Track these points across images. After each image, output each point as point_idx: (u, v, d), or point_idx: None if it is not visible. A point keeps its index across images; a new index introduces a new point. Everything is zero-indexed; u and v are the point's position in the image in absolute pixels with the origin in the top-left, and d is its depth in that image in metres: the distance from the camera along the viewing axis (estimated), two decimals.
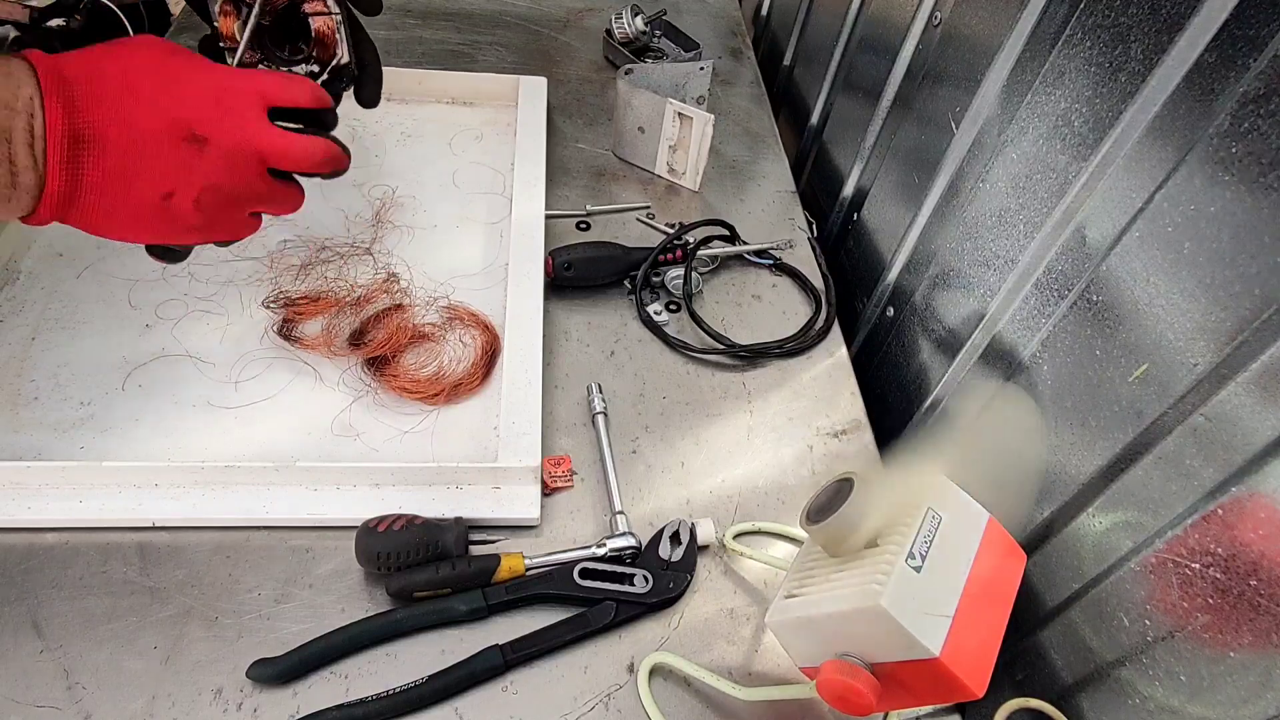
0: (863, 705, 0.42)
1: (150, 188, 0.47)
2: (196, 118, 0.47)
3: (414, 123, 0.85)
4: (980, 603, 0.42)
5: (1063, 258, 0.51)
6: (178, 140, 0.47)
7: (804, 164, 0.97)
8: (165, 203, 0.48)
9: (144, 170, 0.46)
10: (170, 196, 0.48)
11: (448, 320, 0.67)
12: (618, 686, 0.51)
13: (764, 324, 0.73)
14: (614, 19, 0.95)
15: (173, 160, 0.47)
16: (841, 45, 0.87)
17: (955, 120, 0.62)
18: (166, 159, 0.47)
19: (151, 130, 0.46)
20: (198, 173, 0.48)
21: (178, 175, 0.47)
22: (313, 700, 0.48)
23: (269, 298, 0.66)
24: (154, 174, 0.47)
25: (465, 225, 0.76)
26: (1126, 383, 0.44)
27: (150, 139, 0.46)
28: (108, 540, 0.53)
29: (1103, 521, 0.46)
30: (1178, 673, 0.41)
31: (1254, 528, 0.37)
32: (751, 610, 0.55)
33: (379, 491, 0.56)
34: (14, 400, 0.58)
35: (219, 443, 0.58)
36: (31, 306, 0.63)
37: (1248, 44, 0.38)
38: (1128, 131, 0.45)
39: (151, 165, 0.47)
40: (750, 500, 0.61)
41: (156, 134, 0.46)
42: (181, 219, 0.49)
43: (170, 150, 0.47)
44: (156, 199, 0.47)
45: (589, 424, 0.63)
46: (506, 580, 0.53)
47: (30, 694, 0.46)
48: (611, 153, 0.87)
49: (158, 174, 0.47)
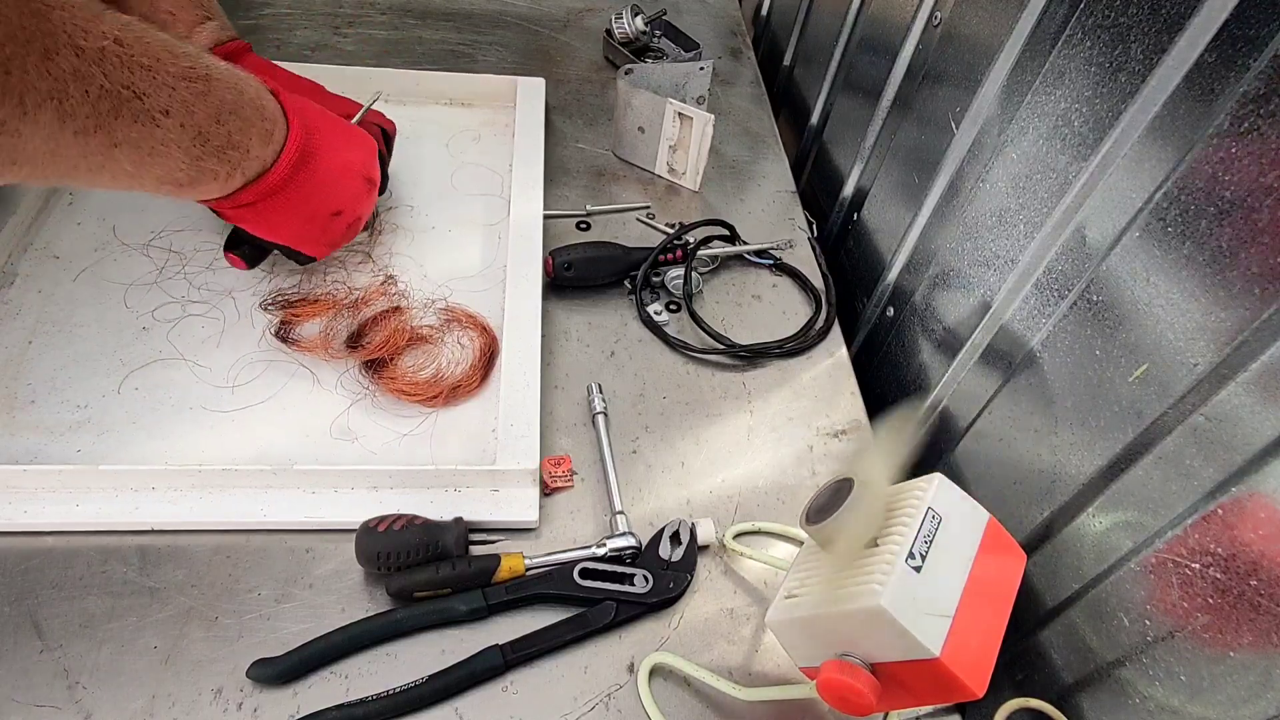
0: (863, 705, 0.42)
1: (330, 204, 0.61)
2: (372, 166, 0.64)
3: (411, 124, 0.85)
4: (980, 603, 0.42)
5: (1063, 258, 0.51)
6: (362, 178, 0.63)
7: (804, 164, 0.97)
8: (332, 218, 0.61)
9: (334, 190, 0.60)
10: (338, 215, 0.62)
11: (446, 322, 0.67)
12: (618, 686, 0.51)
13: (764, 324, 0.73)
14: (614, 19, 0.95)
15: (353, 190, 0.62)
16: (841, 45, 0.87)
17: (955, 120, 0.62)
18: (350, 188, 0.62)
19: (349, 164, 0.61)
20: (362, 204, 0.64)
21: (350, 201, 0.62)
22: (313, 700, 0.48)
23: (267, 299, 0.66)
24: (338, 195, 0.61)
25: (463, 227, 0.76)
26: (1126, 383, 0.44)
27: (348, 171, 0.61)
28: (107, 541, 0.53)
29: (1103, 521, 0.46)
30: (1178, 673, 0.41)
31: (1254, 528, 0.37)
32: (751, 610, 0.55)
33: (377, 494, 0.56)
34: (10, 404, 0.58)
35: (216, 446, 0.58)
36: (28, 310, 0.63)
37: (1248, 44, 0.38)
38: (1128, 131, 0.45)
39: (340, 188, 0.61)
40: (750, 500, 0.61)
41: (352, 169, 0.62)
42: (333, 233, 0.63)
43: (356, 183, 0.62)
44: (328, 213, 0.61)
45: (589, 424, 0.63)
46: (506, 580, 0.53)
47: (30, 694, 0.46)
48: (611, 153, 0.87)
49: (341, 196, 0.61)
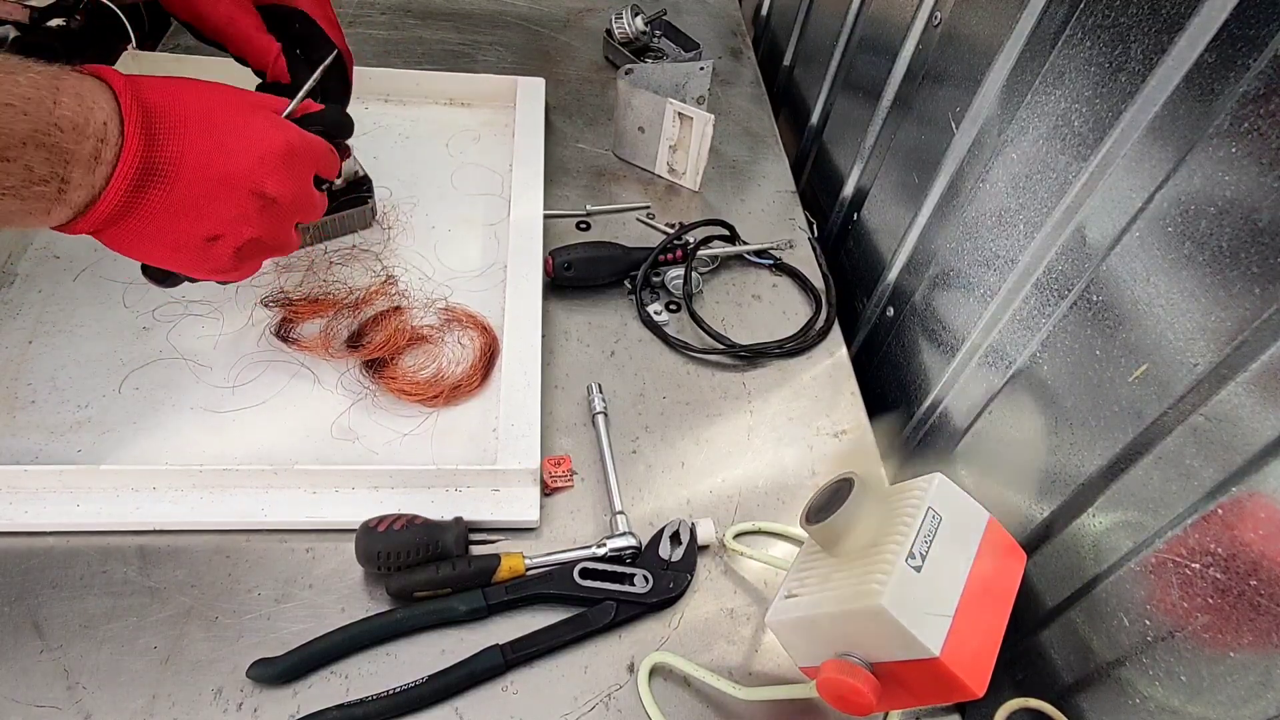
0: (863, 705, 0.42)
1: (201, 228, 0.47)
2: (269, 177, 0.49)
3: (411, 124, 0.85)
4: (980, 602, 0.42)
5: (1063, 258, 0.51)
6: (247, 193, 0.48)
7: (804, 164, 0.97)
8: (208, 244, 0.48)
9: (204, 211, 0.47)
10: (216, 240, 0.48)
11: (446, 322, 0.67)
12: (618, 686, 0.51)
13: (764, 324, 0.73)
14: (614, 19, 0.95)
15: (236, 210, 0.48)
16: (841, 45, 0.87)
17: (955, 120, 0.62)
18: (230, 207, 0.48)
19: (225, 177, 0.47)
20: (252, 225, 0.49)
21: (232, 224, 0.48)
22: (313, 700, 0.48)
23: (268, 296, 0.66)
24: (211, 217, 0.47)
25: (463, 226, 0.76)
26: (1126, 383, 0.44)
27: (223, 185, 0.47)
28: (107, 541, 0.53)
29: (1103, 521, 0.46)
30: (1178, 673, 0.41)
31: (1254, 528, 0.37)
32: (751, 610, 0.55)
33: (378, 494, 0.56)
34: (11, 404, 0.58)
35: (217, 445, 0.58)
36: (28, 310, 0.63)
37: (1248, 44, 0.38)
38: (1128, 131, 0.45)
39: (213, 209, 0.47)
40: (750, 500, 0.61)
41: (230, 182, 0.47)
42: (215, 260, 0.50)
43: (238, 200, 0.48)
44: (201, 239, 0.48)
45: (589, 424, 0.63)
46: (506, 580, 0.53)
47: (30, 694, 0.46)
48: (611, 153, 0.87)
49: (214, 218, 0.47)
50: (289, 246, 0.54)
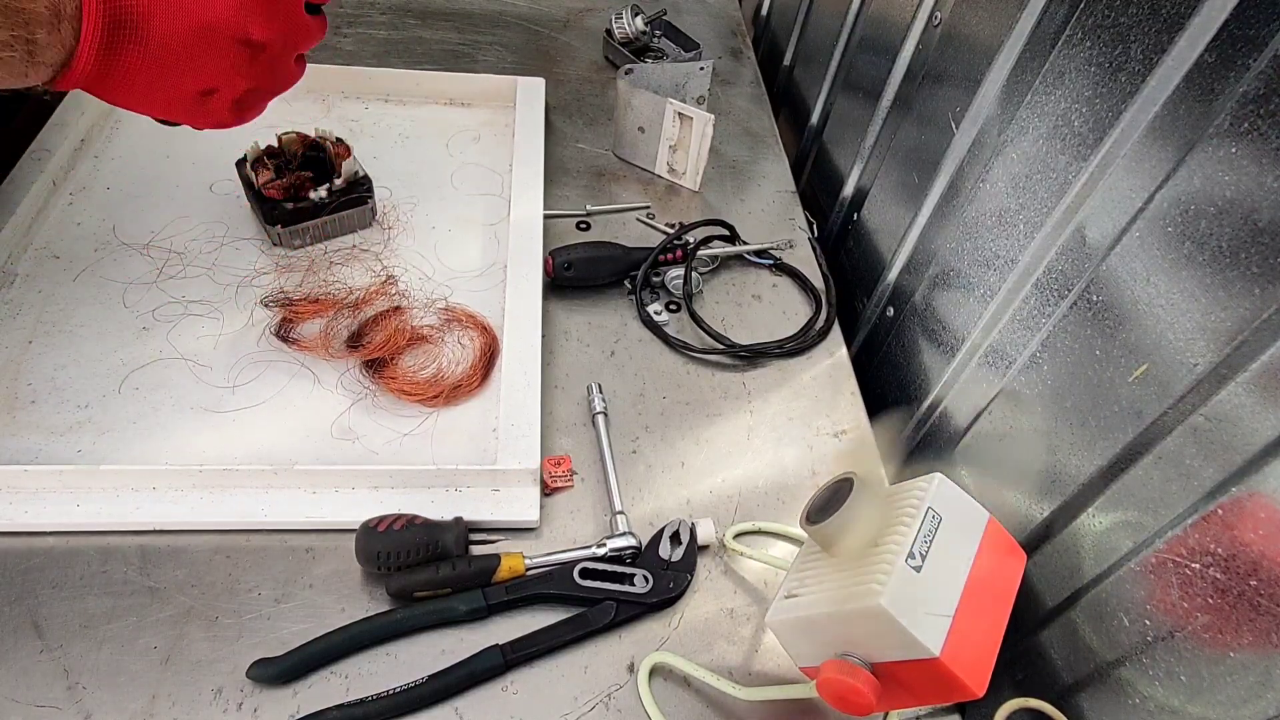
0: (863, 705, 0.42)
1: (191, 83, 0.45)
2: (252, 21, 0.44)
3: (411, 124, 0.85)
4: (980, 602, 0.42)
5: (1063, 258, 0.51)
6: (231, 41, 0.44)
7: (804, 164, 0.97)
8: (203, 98, 0.46)
9: (189, 66, 0.44)
10: (211, 94, 0.46)
11: (446, 322, 0.67)
12: (618, 686, 0.51)
13: (764, 324, 0.73)
14: (614, 19, 0.95)
15: (223, 61, 0.45)
16: (841, 45, 0.87)
17: (955, 120, 0.62)
18: (217, 59, 0.44)
19: (204, 26, 0.43)
20: (244, 76, 0.46)
21: (225, 76, 0.46)
22: (313, 700, 0.48)
23: (268, 296, 0.66)
24: (200, 71, 0.44)
25: (463, 227, 0.76)
26: (1126, 383, 0.44)
27: (202, 36, 0.43)
28: (107, 541, 0.53)
29: (1103, 521, 0.46)
30: (1178, 673, 0.41)
31: (1254, 528, 0.37)
32: (751, 610, 0.55)
33: (378, 494, 0.56)
34: (11, 404, 0.58)
35: (217, 446, 0.58)
36: (28, 310, 0.63)
37: (1248, 44, 0.38)
38: (1128, 131, 0.45)
39: (199, 62, 0.44)
40: (750, 500, 0.61)
41: (209, 31, 0.43)
42: (214, 114, 0.48)
43: (222, 51, 0.44)
44: (194, 94, 0.45)
45: (589, 424, 0.63)
46: (506, 580, 0.53)
47: (30, 694, 0.46)
48: (611, 153, 0.87)
49: (203, 71, 0.45)
50: (290, 82, 0.51)
